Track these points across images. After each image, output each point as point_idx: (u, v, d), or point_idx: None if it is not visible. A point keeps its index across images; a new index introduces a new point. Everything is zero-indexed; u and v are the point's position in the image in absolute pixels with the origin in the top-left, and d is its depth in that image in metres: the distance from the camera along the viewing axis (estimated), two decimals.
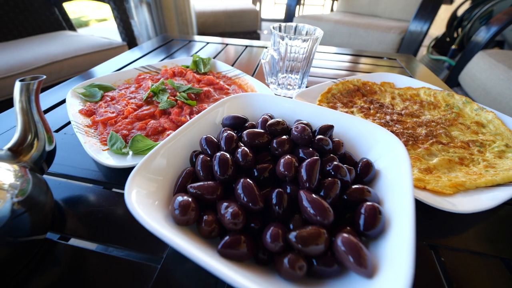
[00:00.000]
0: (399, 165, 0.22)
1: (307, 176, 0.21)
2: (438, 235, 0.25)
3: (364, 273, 0.16)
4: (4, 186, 0.21)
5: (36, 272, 0.21)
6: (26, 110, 0.24)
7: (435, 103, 0.45)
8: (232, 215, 0.19)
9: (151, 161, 0.21)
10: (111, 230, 0.25)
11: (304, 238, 0.17)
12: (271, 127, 0.26)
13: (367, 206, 0.19)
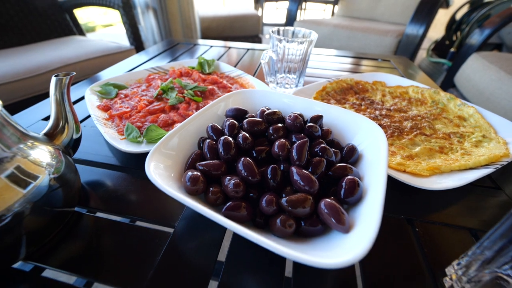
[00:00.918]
0: (378, 147, 0.26)
1: (297, 154, 0.24)
2: (414, 210, 0.29)
3: (342, 229, 0.20)
4: (43, 164, 0.25)
5: (67, 237, 0.25)
6: (59, 101, 0.28)
7: (422, 100, 0.49)
8: (234, 185, 0.22)
9: (167, 142, 0.25)
10: (130, 205, 0.29)
11: (293, 202, 0.21)
12: (268, 116, 0.29)
13: (347, 179, 0.23)
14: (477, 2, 2.25)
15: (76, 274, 0.22)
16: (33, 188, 0.23)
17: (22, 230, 0.23)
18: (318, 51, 0.85)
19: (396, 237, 0.26)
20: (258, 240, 0.17)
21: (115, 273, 0.22)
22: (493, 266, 0.18)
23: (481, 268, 0.19)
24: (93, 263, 0.23)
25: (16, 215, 0.22)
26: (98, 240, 0.25)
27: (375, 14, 1.78)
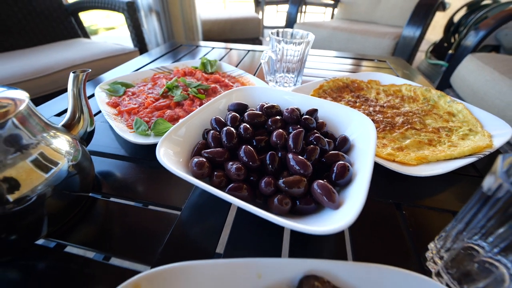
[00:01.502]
0: (367, 137, 0.28)
1: (293, 143, 0.27)
2: (402, 196, 0.31)
3: (332, 206, 0.22)
4: (63, 152, 0.27)
5: (84, 219, 0.28)
6: (76, 95, 0.31)
7: (414, 97, 0.51)
8: (236, 169, 0.25)
9: (176, 131, 0.28)
10: (139, 191, 0.31)
11: (289, 183, 0.23)
12: (267, 110, 0.32)
13: (338, 164, 0.25)
14: (475, 4, 2.29)
15: (94, 250, 0.25)
16: (54, 173, 0.26)
17: (44, 210, 0.25)
18: (317, 52, 0.87)
19: (384, 219, 0.28)
20: (260, 213, 0.20)
21: (128, 249, 0.25)
22: (465, 237, 0.20)
23: (455, 239, 0.21)
24: (109, 241, 0.25)
25: (39, 196, 0.24)
26: (112, 221, 0.28)
27: (374, 17, 1.82)
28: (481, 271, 0.19)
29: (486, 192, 0.18)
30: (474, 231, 0.20)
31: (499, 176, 0.17)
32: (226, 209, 0.29)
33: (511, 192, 0.16)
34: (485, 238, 0.19)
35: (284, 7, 2.98)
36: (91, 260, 0.24)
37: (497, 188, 0.17)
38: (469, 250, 0.20)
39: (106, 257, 0.25)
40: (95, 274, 0.23)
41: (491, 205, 0.18)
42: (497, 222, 0.18)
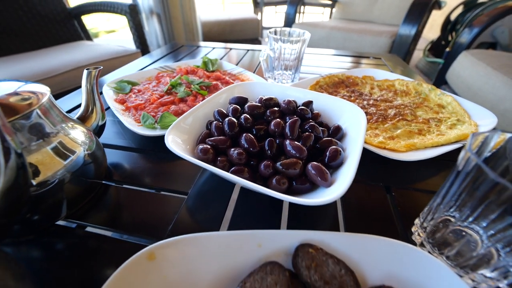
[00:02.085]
0: (358, 125, 0.31)
1: (290, 130, 0.29)
2: (391, 179, 0.33)
3: (325, 184, 0.25)
4: (79, 142, 0.30)
5: (99, 202, 0.30)
6: (89, 90, 0.33)
7: (406, 91, 0.54)
8: (237, 154, 0.27)
9: (183, 120, 0.30)
10: (148, 178, 0.33)
11: (286, 164, 0.26)
12: (265, 102, 0.34)
13: (331, 148, 0.28)
14: (471, 3, 2.31)
15: (110, 229, 0.27)
16: (72, 160, 0.28)
17: (63, 194, 0.28)
18: (314, 51, 0.90)
19: (375, 200, 0.31)
20: (261, 188, 0.22)
21: (141, 228, 0.27)
22: (443, 210, 0.23)
23: (435, 212, 0.23)
24: (123, 221, 0.28)
25: (58, 181, 0.27)
26: (124, 205, 0.30)
27: (371, 16, 1.84)
28: (456, 237, 0.22)
29: (458, 167, 0.20)
30: (450, 203, 0.22)
31: (467, 150, 0.19)
32: (229, 192, 0.31)
33: (478, 165, 0.19)
34: (459, 209, 0.21)
35: (283, 8, 3.01)
36: (108, 237, 0.26)
37: (467, 162, 0.19)
38: (446, 222, 0.23)
39: (122, 236, 0.27)
40: (113, 249, 0.25)
41: (462, 179, 0.20)
42: (468, 194, 0.20)
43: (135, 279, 0.19)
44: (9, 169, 0.18)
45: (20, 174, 0.20)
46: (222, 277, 0.21)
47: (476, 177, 0.19)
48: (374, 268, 0.21)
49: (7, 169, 0.18)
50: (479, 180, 0.19)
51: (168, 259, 0.21)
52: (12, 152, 0.18)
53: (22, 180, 0.20)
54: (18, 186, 0.20)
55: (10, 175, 0.18)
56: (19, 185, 0.20)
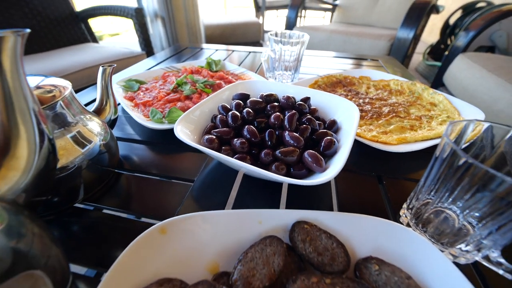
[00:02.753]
0: (351, 117, 0.33)
1: (289, 122, 0.32)
2: (383, 170, 0.36)
3: (320, 169, 0.27)
4: (95, 132, 0.32)
5: (112, 188, 0.33)
6: (104, 86, 0.36)
7: (401, 90, 0.56)
8: (240, 143, 0.30)
9: (190, 113, 0.33)
10: (157, 167, 0.36)
11: (284, 152, 0.28)
12: (266, 97, 0.37)
13: (326, 138, 0.30)
14: (470, 7, 2.34)
15: (125, 211, 0.30)
16: (89, 149, 0.31)
17: (80, 179, 0.30)
18: (314, 53, 0.93)
19: (367, 189, 0.33)
20: (262, 171, 0.25)
21: (152, 210, 0.30)
22: (425, 194, 0.25)
23: (418, 196, 0.26)
24: (135, 205, 0.30)
25: (76, 167, 0.29)
26: (136, 190, 0.33)
27: (370, 20, 1.88)
28: (437, 217, 0.24)
29: (436, 153, 0.23)
30: (431, 187, 0.24)
31: (443, 135, 0.22)
32: (232, 180, 0.34)
33: (453, 150, 0.21)
34: (438, 192, 0.24)
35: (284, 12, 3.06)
36: (123, 218, 0.29)
37: (443, 148, 0.22)
38: (429, 204, 0.25)
39: (137, 217, 0.30)
40: (128, 227, 0.28)
41: (439, 164, 0.23)
42: (445, 178, 0.22)
43: (148, 249, 0.22)
44: (43, 152, 0.21)
45: (50, 158, 0.22)
46: (226, 249, 0.23)
47: (452, 161, 0.21)
48: (363, 242, 0.23)
49: (42, 152, 0.21)
50: (454, 163, 0.21)
51: (177, 233, 0.23)
52: (45, 137, 0.21)
53: (51, 164, 0.23)
54: (48, 168, 0.22)
55: (43, 158, 0.21)
56: (48, 168, 0.22)
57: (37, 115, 0.20)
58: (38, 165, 0.20)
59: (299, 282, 0.20)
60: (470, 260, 0.24)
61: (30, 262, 0.16)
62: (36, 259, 0.16)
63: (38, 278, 0.16)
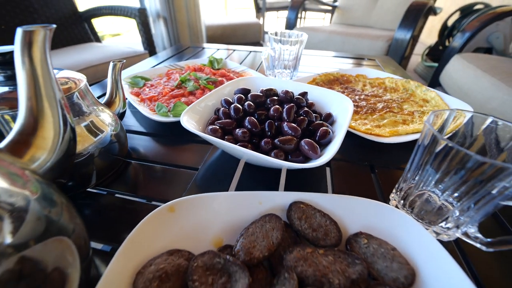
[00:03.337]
0: (346, 110, 0.36)
1: (287, 114, 0.34)
2: (375, 160, 0.38)
3: (315, 156, 0.29)
4: (107, 123, 0.35)
5: (122, 175, 0.35)
6: (113, 80, 0.38)
7: (395, 88, 0.59)
8: (242, 132, 0.32)
9: (196, 105, 0.36)
10: (163, 157, 0.38)
11: (283, 141, 0.31)
12: (266, 92, 0.39)
13: (322, 129, 0.33)
14: (468, 9, 2.38)
15: (135, 196, 0.32)
16: (101, 138, 0.33)
17: (93, 166, 0.33)
18: (313, 53, 0.95)
19: (360, 176, 0.36)
20: (264, 157, 0.27)
21: (160, 194, 0.32)
22: (410, 179, 0.27)
23: (405, 181, 0.28)
24: (144, 189, 0.33)
25: (90, 154, 0.32)
26: (144, 177, 0.35)
27: (369, 21, 1.91)
28: (420, 198, 0.26)
29: (419, 141, 0.25)
30: (415, 172, 0.27)
31: (425, 122, 0.24)
32: (234, 168, 0.36)
33: (434, 136, 0.23)
34: (422, 176, 0.26)
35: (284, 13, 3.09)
36: (134, 201, 0.31)
37: (425, 135, 0.24)
38: (414, 187, 0.27)
39: (144, 200, 0.32)
40: (138, 209, 0.30)
41: (422, 151, 0.25)
42: (427, 163, 0.25)
43: (158, 225, 0.24)
44: (66, 136, 0.23)
45: (71, 143, 0.24)
46: (229, 226, 0.26)
47: (433, 146, 0.24)
48: (353, 220, 0.26)
49: (65, 136, 0.23)
50: (435, 148, 0.23)
51: (185, 212, 0.25)
52: (68, 123, 0.23)
53: (72, 149, 0.25)
54: (69, 152, 0.24)
55: (66, 141, 0.23)
56: (70, 152, 0.25)
57: (61, 102, 0.22)
58: (62, 147, 0.22)
59: (295, 252, 0.22)
60: (452, 237, 0.26)
61: (60, 229, 0.18)
62: (64, 228, 0.18)
63: (67, 245, 0.18)
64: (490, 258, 0.25)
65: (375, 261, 0.22)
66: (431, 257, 0.22)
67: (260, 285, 0.21)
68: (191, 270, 0.21)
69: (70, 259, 0.18)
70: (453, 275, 0.20)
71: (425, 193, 0.26)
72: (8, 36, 1.19)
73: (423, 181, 0.26)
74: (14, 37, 0.20)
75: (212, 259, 0.22)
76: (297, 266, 0.21)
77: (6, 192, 0.15)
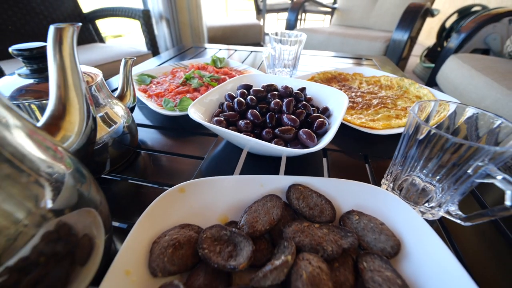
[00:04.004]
0: (341, 106, 0.38)
1: (286, 107, 0.37)
2: (369, 150, 0.41)
3: (312, 145, 0.32)
4: (119, 115, 0.37)
5: (133, 163, 0.38)
6: (125, 76, 0.41)
7: (390, 85, 0.61)
8: (245, 123, 0.35)
9: (202, 99, 0.38)
10: (171, 148, 0.41)
11: (283, 130, 0.33)
12: (267, 87, 0.42)
13: (319, 120, 0.35)
14: (465, 11, 2.41)
15: (147, 181, 0.34)
16: (114, 129, 0.36)
17: (107, 154, 0.35)
18: (313, 53, 0.98)
19: (354, 165, 0.38)
20: (265, 144, 0.30)
21: (169, 179, 0.35)
22: (397, 165, 0.30)
23: (393, 167, 0.31)
24: (155, 176, 0.35)
25: (104, 143, 0.34)
26: (154, 165, 0.38)
27: (368, 23, 1.94)
28: (406, 182, 0.29)
29: (404, 131, 0.28)
30: (401, 160, 0.29)
31: (410, 110, 0.27)
32: (237, 157, 0.39)
33: (418, 124, 0.26)
34: (407, 163, 0.29)
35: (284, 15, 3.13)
36: (146, 185, 0.34)
37: (410, 125, 0.27)
38: (401, 172, 0.30)
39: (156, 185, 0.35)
40: (151, 193, 0.32)
41: (407, 139, 0.28)
42: (411, 148, 0.27)
43: (170, 203, 0.27)
44: (89, 123, 0.26)
45: (92, 134, 0.27)
46: (233, 205, 0.28)
47: (417, 134, 0.26)
48: (347, 200, 0.28)
49: (88, 127, 0.26)
50: (419, 135, 0.26)
51: (194, 193, 0.28)
52: (91, 111, 0.26)
53: (92, 138, 0.28)
54: (90, 141, 0.27)
55: (88, 130, 0.26)
56: (90, 141, 0.27)
57: (86, 93, 0.25)
58: (86, 132, 0.25)
59: (293, 226, 0.25)
60: (436, 216, 0.29)
61: (88, 202, 0.21)
62: (92, 201, 0.21)
63: (94, 216, 0.21)
64: (469, 234, 0.28)
65: (365, 234, 0.25)
66: (414, 230, 0.24)
67: (263, 254, 0.24)
68: (201, 240, 0.23)
69: (96, 229, 0.21)
70: (433, 245, 0.22)
71: (411, 177, 0.29)
72: (15, 36, 1.22)
73: (409, 167, 0.29)
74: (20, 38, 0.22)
75: (220, 232, 0.24)
76: (295, 237, 0.23)
77: (46, 163, 0.18)
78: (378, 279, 0.21)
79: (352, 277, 0.22)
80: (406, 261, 0.23)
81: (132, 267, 0.21)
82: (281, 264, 0.19)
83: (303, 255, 0.21)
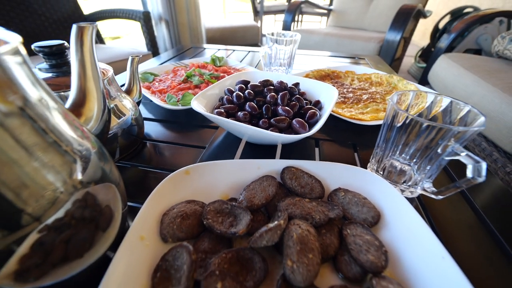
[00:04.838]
0: (331, 99, 0.42)
1: (281, 99, 0.40)
2: (358, 140, 0.44)
3: (304, 131, 0.36)
4: (128, 108, 0.40)
5: (141, 152, 0.41)
6: (132, 72, 0.44)
7: (380, 82, 0.65)
8: (243, 114, 0.38)
9: (204, 93, 0.42)
10: (175, 139, 0.44)
11: (278, 120, 0.37)
12: (263, 82, 0.46)
13: (310, 111, 0.39)
14: (458, 12, 2.47)
15: (154, 168, 0.38)
16: (123, 120, 0.39)
17: (117, 143, 0.38)
18: (307, 53, 1.02)
19: (344, 153, 0.42)
20: (262, 131, 0.33)
21: (175, 166, 0.38)
22: (380, 150, 0.33)
23: (376, 153, 0.34)
24: (161, 163, 0.39)
25: (114, 133, 0.37)
26: (160, 154, 0.41)
27: (363, 24, 1.99)
28: (386, 164, 0.33)
29: (384, 120, 0.31)
30: (383, 145, 0.33)
31: (389, 99, 0.30)
32: (236, 146, 0.42)
33: (396, 111, 0.29)
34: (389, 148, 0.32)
35: (281, 17, 3.18)
36: (154, 171, 0.37)
37: (389, 112, 0.30)
38: (383, 156, 0.34)
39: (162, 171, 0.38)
40: (158, 177, 0.36)
41: (387, 126, 0.31)
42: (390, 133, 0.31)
43: (177, 183, 0.30)
44: (105, 113, 0.29)
45: (106, 125, 0.30)
46: (233, 185, 0.31)
47: (395, 120, 0.30)
48: (334, 180, 0.32)
49: (103, 118, 0.29)
50: (397, 123, 0.29)
51: (198, 174, 0.31)
52: (106, 104, 0.29)
53: (106, 129, 0.31)
54: (104, 131, 0.30)
55: (106, 116, 0.29)
56: (105, 128, 0.30)
57: (102, 83, 0.28)
58: (103, 120, 0.28)
59: (286, 200, 0.28)
60: (415, 194, 0.32)
61: (110, 178, 0.24)
62: (113, 178, 0.24)
63: (114, 191, 0.24)
64: (442, 207, 0.31)
65: (349, 207, 0.28)
66: (393, 203, 0.28)
67: (260, 224, 0.27)
68: (205, 212, 0.26)
69: (116, 202, 0.24)
70: (408, 215, 0.26)
71: (391, 160, 0.32)
72: None
73: (390, 151, 0.32)
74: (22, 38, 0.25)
75: (222, 205, 0.27)
76: (287, 209, 0.27)
77: (77, 141, 0.21)
78: (359, 241, 0.24)
79: (337, 241, 0.25)
80: (385, 229, 0.26)
81: (146, 234, 0.24)
82: (275, 226, 0.22)
83: (294, 221, 0.24)
